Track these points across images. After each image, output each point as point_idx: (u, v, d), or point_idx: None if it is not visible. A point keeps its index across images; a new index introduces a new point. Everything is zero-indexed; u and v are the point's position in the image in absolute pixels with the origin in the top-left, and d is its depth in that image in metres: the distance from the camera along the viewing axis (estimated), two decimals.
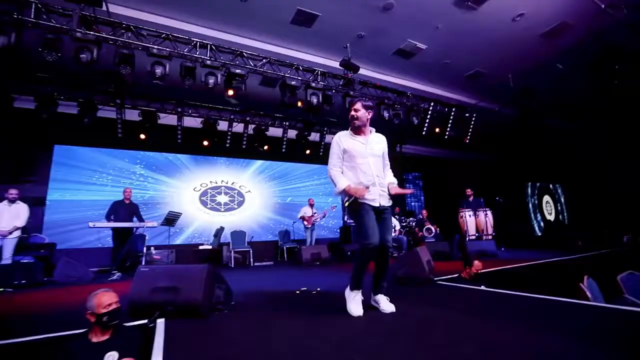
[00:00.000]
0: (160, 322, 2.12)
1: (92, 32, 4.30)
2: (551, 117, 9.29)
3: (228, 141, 7.80)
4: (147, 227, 5.39)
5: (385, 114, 6.96)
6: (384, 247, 2.29)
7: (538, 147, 11.38)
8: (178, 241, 7.62)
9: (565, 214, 13.78)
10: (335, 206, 8.63)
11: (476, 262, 3.66)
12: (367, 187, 2.27)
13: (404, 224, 8.63)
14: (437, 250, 6.15)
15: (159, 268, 2.51)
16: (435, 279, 3.47)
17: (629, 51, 5.96)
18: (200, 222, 8.07)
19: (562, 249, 7.82)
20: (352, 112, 2.38)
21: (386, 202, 2.38)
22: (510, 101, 8.93)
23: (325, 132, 8.93)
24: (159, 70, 4.76)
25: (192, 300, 2.18)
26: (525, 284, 3.72)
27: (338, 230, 9.47)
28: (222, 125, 7.74)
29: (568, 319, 2.06)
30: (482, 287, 3.27)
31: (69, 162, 6.96)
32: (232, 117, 7.58)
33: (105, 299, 1.80)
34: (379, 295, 2.36)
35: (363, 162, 2.33)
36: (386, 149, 2.52)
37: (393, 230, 7.73)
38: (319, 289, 3.34)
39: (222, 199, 8.52)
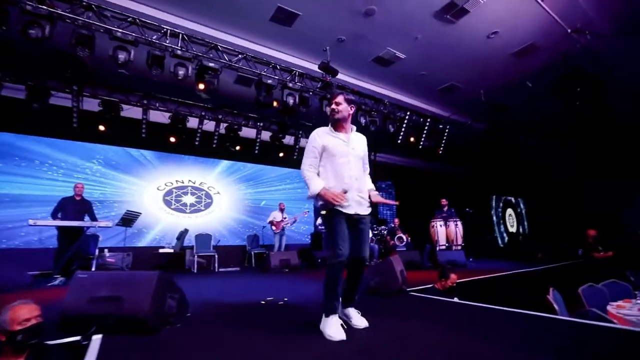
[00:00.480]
0: (97, 339, 1.80)
1: (45, 7, 3.84)
2: (520, 134, 9.72)
3: (197, 139, 7.38)
4: (99, 226, 4.88)
5: (362, 120, 6.91)
6: (359, 261, 2.06)
7: (505, 162, 11.89)
8: (138, 243, 7.04)
9: (526, 227, 14.47)
10: (307, 212, 8.43)
11: (453, 275, 3.60)
12: (345, 192, 2.02)
13: (376, 232, 8.59)
14: (408, 259, 6.11)
15: (100, 274, 2.18)
16: (408, 289, 3.36)
17: (589, 75, 6.33)
18: (162, 224, 7.53)
19: (524, 260, 8.12)
20: (333, 106, 2.16)
21: (364, 211, 2.14)
22: (481, 116, 9.25)
23: (300, 136, 8.75)
24: (122, 56, 4.36)
25: (138, 313, 1.88)
26: (494, 295, 3.73)
27: (309, 236, 9.25)
28: (192, 122, 7.31)
29: (544, 332, 1.99)
30: (455, 299, 3.20)
31: (12, 152, 6.23)
32: (203, 114, 7.19)
33: (23, 313, 1.48)
34: (350, 308, 2.14)
35: (343, 162, 2.09)
36: (367, 151, 2.32)
37: None
38: (286, 299, 3.11)
39: (188, 199, 8.03)
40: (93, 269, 4.89)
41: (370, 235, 7.93)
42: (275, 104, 5.84)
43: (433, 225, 7.28)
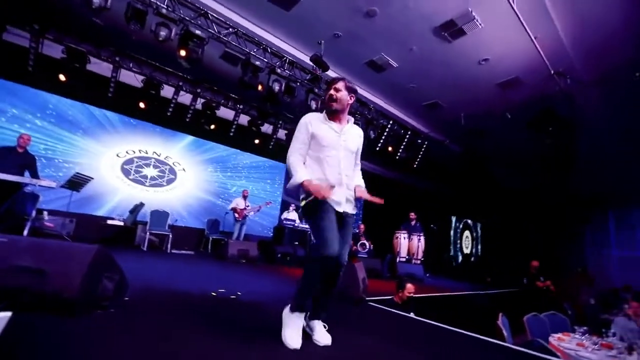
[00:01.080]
0: (4, 316, 1.50)
1: None
2: (490, 162, 10.14)
3: (170, 110, 6.89)
4: (40, 185, 4.35)
5: None
6: (337, 265, 1.83)
7: (471, 185, 12.38)
8: (85, 210, 6.42)
9: (479, 250, 15.20)
10: (271, 202, 8.16)
11: (409, 285, 3.60)
12: (333, 187, 1.84)
13: None
14: (369, 267, 6.09)
15: (24, 240, 1.86)
16: (367, 298, 3.28)
17: (562, 117, 6.69)
18: (116, 194, 6.94)
19: (474, 281, 8.47)
20: (332, 92, 1.92)
21: (351, 209, 1.96)
22: (458, 138, 9.53)
23: (279, 126, 8.48)
24: (97, 1, 3.89)
25: (64, 292, 1.60)
26: (449, 313, 3.77)
27: (271, 230, 9.00)
28: (167, 91, 6.81)
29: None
30: (412, 315, 3.17)
31: None
32: (180, 84, 6.72)
33: None
34: (316, 321, 1.91)
35: (332, 155, 1.90)
36: (361, 146, 2.09)
37: None
38: (239, 293, 2.90)
39: (150, 172, 7.49)
40: (26, 232, 4.36)
41: None
42: (260, 87, 5.57)
43: (397, 237, 7.36)
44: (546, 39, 5.50)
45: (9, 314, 1.50)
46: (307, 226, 8.26)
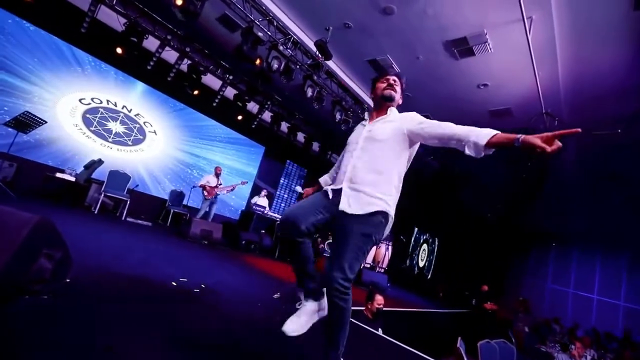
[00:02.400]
0: None
1: None
2: (461, 182, 10.41)
3: (152, 63, 6.19)
4: None
5: (337, 116, 6.56)
6: (329, 288, 1.44)
7: (439, 201, 12.70)
8: (30, 156, 5.61)
9: (432, 265, 15.77)
10: (247, 182, 7.72)
11: (378, 297, 3.48)
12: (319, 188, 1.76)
13: None
14: None
15: None
16: None
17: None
18: (72, 144, 6.15)
19: (427, 295, 8.71)
20: (392, 81, 1.78)
21: (352, 209, 1.53)
22: (438, 154, 9.65)
23: (266, 107, 8.01)
24: None
25: None
26: (412, 331, 3.72)
27: (239, 212, 8.58)
28: (151, 42, 6.11)
29: None
30: (380, 331, 3.05)
31: None
32: (168, 37, 6.03)
33: None
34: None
35: (349, 150, 1.73)
36: (421, 121, 1.63)
37: None
38: (203, 285, 2.58)
39: (116, 127, 6.73)
40: None
41: None
42: (258, 61, 5.13)
43: None
44: (547, 78, 5.60)
45: None
46: (276, 215, 7.95)
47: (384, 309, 3.57)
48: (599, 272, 13.10)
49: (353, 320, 2.98)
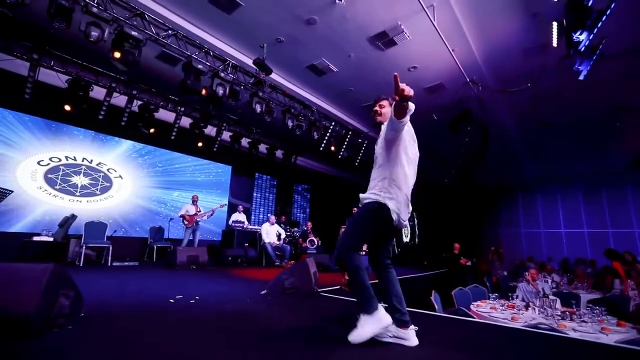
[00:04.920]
0: None
1: None
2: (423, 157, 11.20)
3: (102, 113, 6.39)
4: None
5: (290, 123, 7.04)
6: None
7: None
8: (2, 228, 5.67)
9: (417, 238, 16.66)
10: (225, 205, 8.06)
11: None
12: None
13: (289, 233, 8.78)
14: (318, 261, 6.44)
15: None
16: (319, 290, 3.58)
17: (476, 118, 7.79)
18: (40, 206, 6.24)
19: (414, 265, 9.40)
20: (377, 108, 2.28)
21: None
22: None
23: (223, 129, 8.36)
24: None
25: (19, 313, 1.59)
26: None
27: (220, 233, 8.87)
28: (98, 92, 6.30)
29: (432, 326, 2.41)
30: None
31: None
32: (113, 85, 6.26)
33: None
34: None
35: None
36: (384, 136, 2.12)
37: (278, 238, 7.74)
38: (197, 297, 2.98)
39: (80, 180, 6.85)
40: None
41: (284, 236, 8.06)
42: (203, 91, 5.50)
43: (342, 231, 7.82)
44: (462, 52, 6.37)
45: None
46: (256, 227, 8.33)
47: None
48: (561, 209, 14.45)
49: (335, 296, 3.47)
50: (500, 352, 1.98)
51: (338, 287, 3.91)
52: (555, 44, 5.50)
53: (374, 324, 1.79)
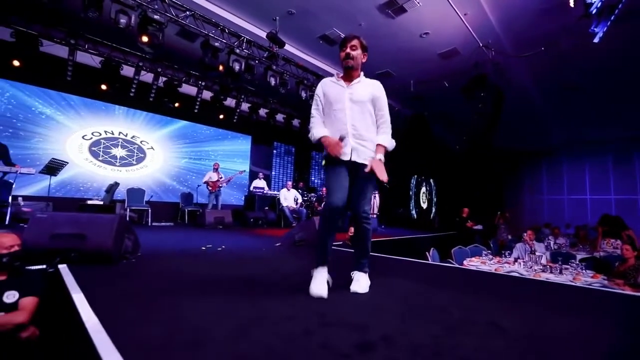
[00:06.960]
0: (63, 268, 2.15)
1: None
2: (435, 123, 11.25)
3: (133, 90, 7.02)
4: (21, 172, 4.64)
5: (303, 94, 7.37)
6: (356, 216, 1.99)
7: (423, 146, 13.60)
8: (57, 194, 6.65)
9: (434, 203, 16.95)
10: (244, 171, 8.75)
11: (351, 228, 4.53)
12: (342, 139, 1.91)
13: (306, 198, 9.41)
14: None
15: (60, 215, 2.44)
16: None
17: (490, 83, 7.73)
18: (88, 175, 7.17)
19: (426, 229, 9.89)
20: (348, 50, 2.02)
21: (361, 159, 1.97)
22: (409, 103, 10.44)
23: (241, 100, 8.82)
24: None
25: (102, 247, 2.26)
26: (390, 251, 4.80)
27: (243, 198, 9.66)
28: (127, 71, 6.90)
29: (423, 270, 2.93)
30: None
31: None
32: (140, 63, 6.81)
33: (7, 240, 1.79)
34: (354, 272, 2.05)
35: (339, 109, 2.01)
36: (380, 96, 2.10)
37: (295, 202, 8.40)
38: (223, 246, 3.66)
39: (119, 152, 7.70)
40: (8, 217, 4.72)
41: (300, 200, 8.69)
42: (221, 67, 5.93)
43: None
44: (476, 15, 6.29)
45: (65, 265, 2.18)
46: (275, 192, 9.02)
47: None
48: (588, 174, 14.06)
49: (342, 249, 4.06)
50: (450, 282, 2.48)
51: (341, 242, 4.49)
52: (572, 3, 5.37)
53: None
